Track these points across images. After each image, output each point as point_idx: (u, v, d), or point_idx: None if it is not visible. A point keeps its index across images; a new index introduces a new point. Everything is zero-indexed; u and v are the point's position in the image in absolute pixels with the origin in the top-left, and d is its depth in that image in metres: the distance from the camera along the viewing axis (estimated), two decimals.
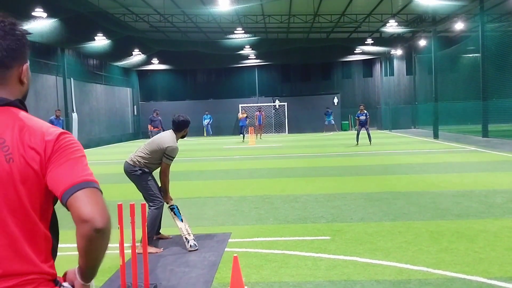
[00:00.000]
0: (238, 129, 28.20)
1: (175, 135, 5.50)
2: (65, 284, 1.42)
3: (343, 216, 6.61)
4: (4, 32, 1.38)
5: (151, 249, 5.18)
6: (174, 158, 5.40)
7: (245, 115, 26.98)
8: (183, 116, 5.57)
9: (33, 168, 1.32)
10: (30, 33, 1.47)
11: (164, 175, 5.41)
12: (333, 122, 32.48)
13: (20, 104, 1.42)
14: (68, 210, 1.32)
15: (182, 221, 5.46)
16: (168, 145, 5.33)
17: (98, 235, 1.30)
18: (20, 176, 1.31)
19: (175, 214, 5.50)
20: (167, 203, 5.53)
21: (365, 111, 19.87)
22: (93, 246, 1.32)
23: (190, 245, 5.21)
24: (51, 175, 1.33)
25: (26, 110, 1.44)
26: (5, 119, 1.36)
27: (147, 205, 5.35)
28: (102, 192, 1.38)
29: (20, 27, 1.43)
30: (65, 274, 1.45)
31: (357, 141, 19.79)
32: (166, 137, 5.47)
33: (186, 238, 5.28)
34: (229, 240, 5.57)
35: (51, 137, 1.36)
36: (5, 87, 1.40)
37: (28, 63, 1.47)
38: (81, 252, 1.34)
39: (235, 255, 4.02)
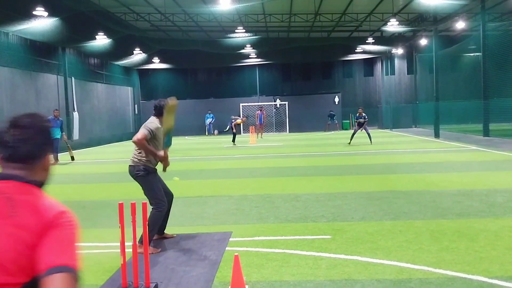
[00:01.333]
0: (240, 128, 27.91)
1: (157, 119, 5.53)
2: None
3: (343, 215, 6.62)
4: (37, 129, 1.60)
5: (150, 250, 5.18)
6: (152, 132, 5.34)
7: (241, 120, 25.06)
8: (163, 101, 5.60)
9: (24, 235, 1.43)
10: (51, 126, 1.68)
11: (137, 141, 5.24)
12: (336, 122, 32.62)
13: (40, 184, 1.60)
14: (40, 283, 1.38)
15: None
16: (149, 122, 5.42)
17: None
18: (11, 234, 1.43)
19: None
20: (166, 156, 5.51)
21: (364, 114, 19.96)
22: None
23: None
24: (39, 250, 1.42)
25: (42, 189, 1.60)
26: (21, 189, 1.52)
27: (151, 207, 5.35)
28: (78, 281, 1.42)
29: (47, 124, 1.65)
30: None
31: (351, 140, 19.93)
32: (149, 121, 5.52)
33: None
34: (230, 239, 5.58)
35: (52, 212, 1.49)
36: (32, 173, 1.59)
37: (49, 154, 1.68)
38: None
39: (236, 254, 4.03)
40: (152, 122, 5.46)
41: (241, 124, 24.46)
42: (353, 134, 20.13)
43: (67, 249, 1.44)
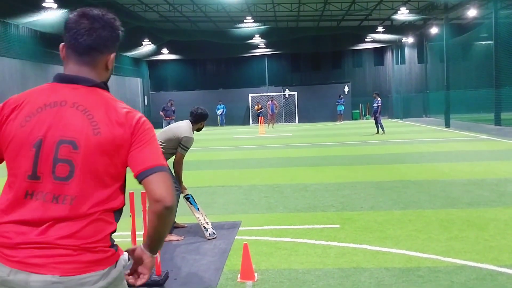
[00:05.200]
0: (248, 119, 28.13)
1: (191, 126, 5.51)
2: (124, 255, 1.61)
3: (353, 205, 6.63)
4: (105, 22, 1.62)
5: (172, 237, 5.25)
6: (189, 148, 5.41)
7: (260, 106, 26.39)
8: (201, 109, 5.56)
9: (117, 143, 1.53)
10: (122, 30, 1.71)
11: (178, 165, 5.41)
12: (342, 112, 32.20)
13: (105, 85, 1.64)
14: (140, 184, 1.56)
15: (198, 210, 5.49)
16: (184, 135, 5.32)
17: (167, 212, 1.52)
18: (104, 148, 1.51)
19: (191, 204, 5.53)
20: (182, 193, 5.57)
21: (378, 99, 19.70)
22: (162, 221, 1.55)
23: (209, 234, 5.25)
24: (132, 154, 1.56)
25: (108, 91, 1.65)
26: (94, 98, 1.57)
27: None
28: (169, 174, 1.59)
29: (118, 22, 1.68)
30: (132, 250, 1.62)
31: (378, 129, 19.59)
32: (183, 126, 5.45)
33: (204, 227, 5.32)
34: (239, 228, 5.62)
35: (135, 119, 1.58)
36: (94, 70, 1.62)
37: (115, 54, 1.69)
38: (152, 228, 1.56)
39: (245, 242, 4.08)
40: (188, 135, 5.33)
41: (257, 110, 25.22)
42: (376, 122, 19.77)
43: (156, 151, 1.59)
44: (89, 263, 1.47)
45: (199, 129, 5.63)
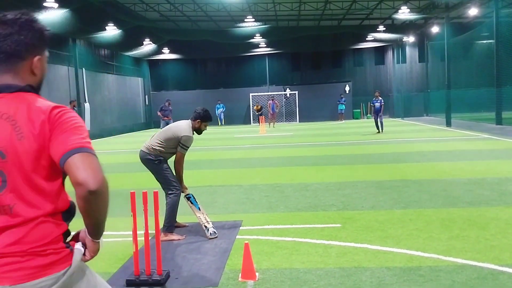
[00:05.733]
0: (249, 118, 28.15)
1: (191, 125, 5.51)
2: (77, 245, 1.55)
3: (354, 204, 6.63)
4: (20, 26, 1.52)
5: (173, 237, 5.26)
6: (188, 148, 5.42)
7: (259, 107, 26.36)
8: (202, 109, 5.56)
9: (39, 142, 1.47)
10: (47, 30, 1.62)
11: (178, 165, 5.42)
12: (343, 111, 32.26)
13: (31, 88, 1.55)
14: (65, 173, 1.46)
15: (199, 210, 5.49)
16: (184, 134, 5.33)
17: (92, 196, 1.41)
18: (29, 150, 1.46)
19: (192, 203, 5.53)
20: (183, 192, 5.57)
21: (380, 98, 19.65)
22: (90, 206, 1.44)
23: (210, 233, 5.25)
24: (51, 146, 1.47)
25: (37, 93, 1.56)
26: (17, 103, 1.50)
27: (165, 193, 5.42)
28: (96, 157, 1.48)
29: (37, 22, 1.57)
30: (76, 235, 1.58)
31: (377, 128, 19.56)
32: (183, 126, 5.46)
33: (205, 227, 5.32)
34: (240, 228, 5.63)
35: (50, 111, 1.50)
36: (17, 76, 1.54)
37: (41, 56, 1.59)
38: (82, 213, 1.47)
39: (246, 242, 4.08)
40: (187, 134, 5.34)
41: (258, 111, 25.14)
42: (376, 122, 19.70)
43: (77, 135, 1.48)
44: (40, 267, 1.42)
45: (199, 131, 5.58)
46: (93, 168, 1.42)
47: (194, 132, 5.56)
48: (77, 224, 1.69)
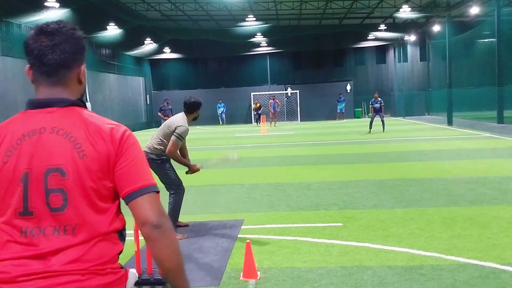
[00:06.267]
0: (250, 118, 28.14)
1: (186, 117, 5.52)
2: (132, 270, 1.55)
3: (355, 203, 6.62)
4: (66, 36, 1.51)
5: (176, 236, 5.25)
6: (183, 138, 5.38)
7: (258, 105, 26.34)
8: (194, 98, 5.60)
9: (103, 162, 1.44)
10: (87, 37, 1.57)
11: (171, 154, 5.33)
12: (343, 110, 32.22)
13: (81, 102, 1.56)
14: (127, 206, 1.46)
15: (213, 160, 5.58)
16: (178, 124, 5.34)
17: (156, 231, 1.40)
18: (91, 170, 1.43)
19: (207, 164, 5.58)
20: (198, 170, 5.58)
21: (380, 99, 19.66)
22: (157, 245, 1.42)
23: (233, 157, 5.36)
24: (119, 174, 1.46)
25: (85, 107, 1.56)
26: (72, 119, 1.48)
27: (168, 193, 5.42)
28: (159, 193, 1.50)
29: (79, 31, 1.57)
30: None
31: (370, 128, 19.66)
32: (177, 118, 5.49)
33: (227, 159, 5.53)
34: (242, 227, 5.63)
35: (119, 133, 1.49)
36: (66, 87, 1.53)
37: (85, 64, 1.61)
38: (155, 259, 1.45)
39: (247, 241, 4.08)
40: (181, 124, 5.34)
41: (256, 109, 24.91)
42: (371, 121, 19.76)
43: (144, 168, 1.49)
44: (100, 286, 1.40)
45: (195, 119, 5.64)
46: (156, 206, 1.45)
47: (192, 121, 5.59)
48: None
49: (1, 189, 1.43)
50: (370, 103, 20.23)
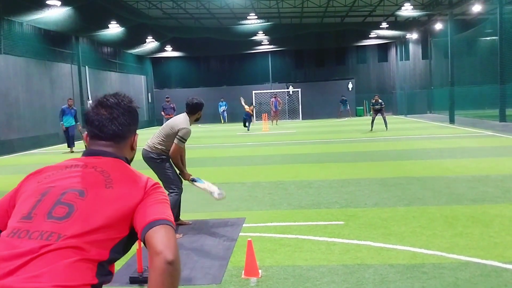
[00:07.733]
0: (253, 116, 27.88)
1: (188, 118, 5.52)
2: None
3: (357, 202, 6.62)
4: (124, 109, 1.68)
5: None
6: (186, 140, 5.40)
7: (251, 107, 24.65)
8: (196, 99, 5.59)
9: (128, 199, 1.51)
10: (139, 107, 1.76)
11: (175, 157, 5.35)
12: (348, 108, 32.34)
13: (126, 160, 1.70)
14: (145, 245, 1.45)
15: (203, 183, 5.45)
16: (180, 126, 5.33)
17: (170, 267, 1.38)
18: (113, 200, 1.49)
19: (196, 182, 5.46)
20: (188, 180, 5.51)
21: (380, 101, 19.65)
22: (164, 278, 1.38)
23: (218, 194, 5.27)
24: (139, 209, 1.52)
25: (129, 165, 1.70)
26: (113, 164, 1.61)
27: (166, 192, 5.42)
28: (175, 229, 1.52)
29: (133, 103, 1.73)
30: None
31: (372, 127, 19.68)
32: (179, 119, 5.47)
33: (210, 192, 5.32)
34: (243, 225, 5.63)
35: (150, 182, 1.59)
36: (119, 150, 1.69)
37: (137, 134, 1.76)
38: (151, 287, 1.40)
39: (249, 239, 4.08)
40: (184, 127, 5.33)
41: (251, 111, 24.00)
42: (372, 120, 19.85)
43: (164, 209, 1.54)
44: None
45: (197, 120, 5.63)
46: (172, 240, 1.44)
47: (194, 121, 5.57)
48: None
49: (23, 198, 1.52)
50: (371, 104, 20.25)
